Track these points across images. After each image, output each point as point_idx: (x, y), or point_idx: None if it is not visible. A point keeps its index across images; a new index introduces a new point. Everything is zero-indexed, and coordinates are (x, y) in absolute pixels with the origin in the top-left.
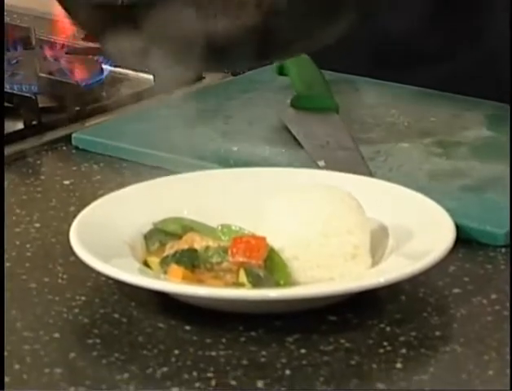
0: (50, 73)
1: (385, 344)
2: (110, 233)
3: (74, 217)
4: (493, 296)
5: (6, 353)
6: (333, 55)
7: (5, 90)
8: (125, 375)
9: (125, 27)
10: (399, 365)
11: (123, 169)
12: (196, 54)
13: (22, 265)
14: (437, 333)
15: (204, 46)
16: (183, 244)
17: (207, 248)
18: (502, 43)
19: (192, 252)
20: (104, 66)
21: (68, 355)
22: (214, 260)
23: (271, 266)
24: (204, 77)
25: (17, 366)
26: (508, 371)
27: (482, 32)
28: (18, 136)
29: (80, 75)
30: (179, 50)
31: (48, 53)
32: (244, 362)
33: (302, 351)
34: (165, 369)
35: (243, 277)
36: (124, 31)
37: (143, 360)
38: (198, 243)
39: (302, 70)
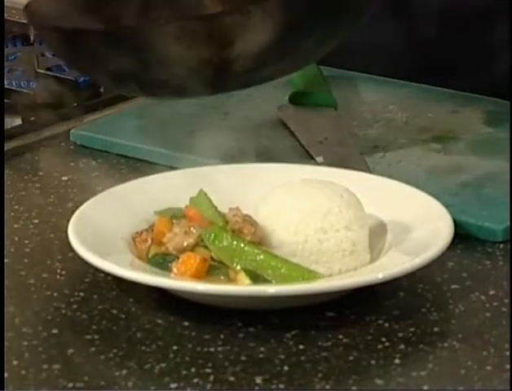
0: (49, 69)
1: (383, 340)
2: (108, 229)
3: (72, 213)
4: (492, 292)
5: (4, 349)
6: (331, 51)
7: None
8: (124, 371)
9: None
10: (397, 361)
11: (121, 165)
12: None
13: (21, 261)
14: (435, 329)
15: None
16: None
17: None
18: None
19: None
20: None
21: (66, 351)
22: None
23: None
24: None
25: (15, 362)
26: (507, 366)
27: (482, 28)
28: (16, 132)
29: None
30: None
31: (46, 49)
32: (243, 357)
33: (301, 347)
34: (163, 365)
35: (242, 275)
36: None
37: (142, 356)
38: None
39: None
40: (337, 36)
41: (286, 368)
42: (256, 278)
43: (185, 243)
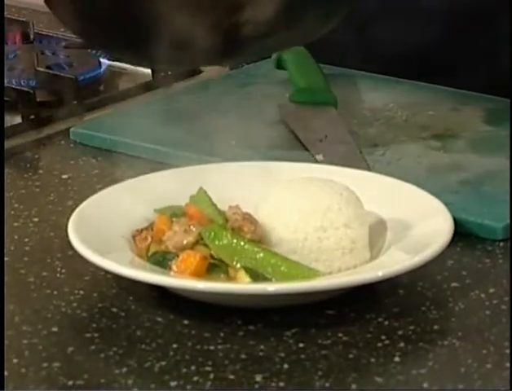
0: (49, 67)
1: (383, 338)
2: (108, 227)
3: (72, 211)
4: (491, 290)
5: (4, 348)
6: (330, 49)
7: None
8: (124, 370)
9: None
10: (397, 359)
11: (121, 163)
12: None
13: (21, 260)
14: (435, 327)
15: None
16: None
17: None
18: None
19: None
20: (102, 60)
21: (66, 349)
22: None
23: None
24: (202, 71)
25: (15, 361)
26: (507, 364)
27: (482, 27)
28: (16, 130)
29: (78, 69)
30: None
31: (46, 47)
32: (243, 356)
33: (301, 345)
34: (163, 363)
35: (242, 273)
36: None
37: (142, 354)
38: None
39: (301, 64)
40: (341, 8)
41: (286, 366)
42: (256, 276)
43: (185, 242)
